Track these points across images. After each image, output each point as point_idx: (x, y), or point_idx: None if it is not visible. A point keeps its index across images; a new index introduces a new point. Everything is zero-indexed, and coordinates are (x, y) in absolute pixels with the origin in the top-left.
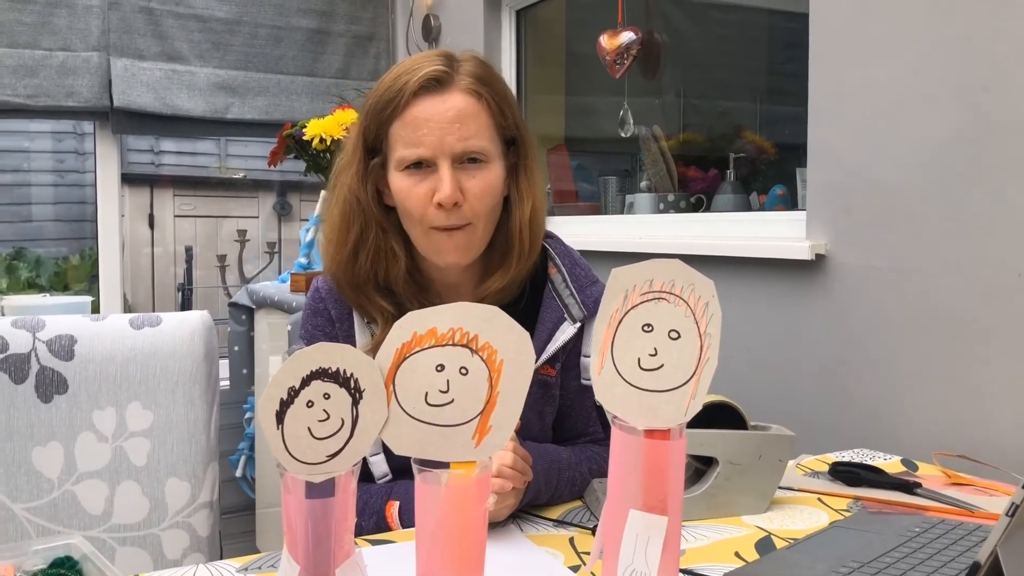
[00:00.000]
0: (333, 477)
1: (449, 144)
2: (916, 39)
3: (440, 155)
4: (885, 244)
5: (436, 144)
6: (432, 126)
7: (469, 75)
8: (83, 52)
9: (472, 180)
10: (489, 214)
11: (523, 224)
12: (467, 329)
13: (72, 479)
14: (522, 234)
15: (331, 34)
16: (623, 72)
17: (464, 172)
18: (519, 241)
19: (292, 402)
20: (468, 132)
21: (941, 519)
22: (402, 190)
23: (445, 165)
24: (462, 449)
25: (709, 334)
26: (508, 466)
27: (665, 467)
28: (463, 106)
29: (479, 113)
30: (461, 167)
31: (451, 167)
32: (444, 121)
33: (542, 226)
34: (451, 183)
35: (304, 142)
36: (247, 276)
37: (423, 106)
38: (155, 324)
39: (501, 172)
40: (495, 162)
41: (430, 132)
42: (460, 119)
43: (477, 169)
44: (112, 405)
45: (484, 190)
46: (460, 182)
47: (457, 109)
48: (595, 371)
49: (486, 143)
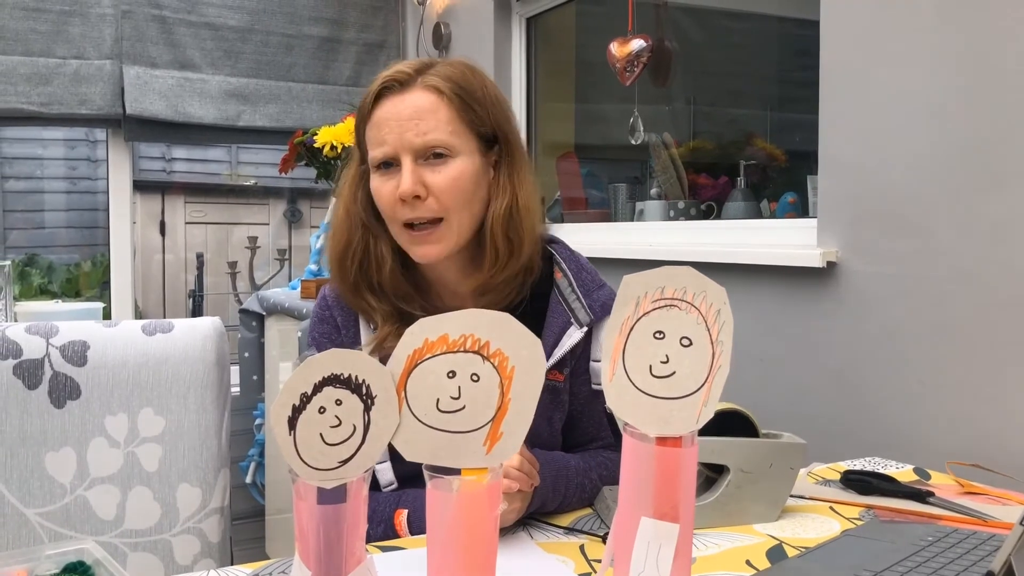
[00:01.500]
0: (345, 483)
1: (408, 140)
2: (927, 47)
3: (401, 151)
4: (896, 251)
5: (396, 141)
6: (392, 124)
7: (435, 75)
8: (96, 60)
9: (436, 175)
10: (462, 208)
11: (496, 220)
12: (478, 336)
13: (84, 484)
14: (495, 231)
15: (342, 42)
16: (633, 79)
17: (428, 167)
18: (492, 238)
19: (304, 408)
20: (426, 127)
21: (954, 528)
22: (375, 189)
23: (406, 160)
24: (473, 455)
25: (721, 341)
26: (515, 468)
27: (677, 475)
28: (421, 103)
29: (439, 108)
30: (426, 163)
31: (413, 163)
32: (403, 119)
33: (528, 223)
34: (410, 177)
35: (315, 149)
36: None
37: (384, 107)
38: (167, 330)
39: (471, 167)
40: (463, 156)
41: (391, 131)
42: (418, 115)
43: (441, 164)
44: (124, 411)
45: (448, 183)
46: (422, 177)
47: (415, 106)
48: (606, 378)
49: (447, 137)
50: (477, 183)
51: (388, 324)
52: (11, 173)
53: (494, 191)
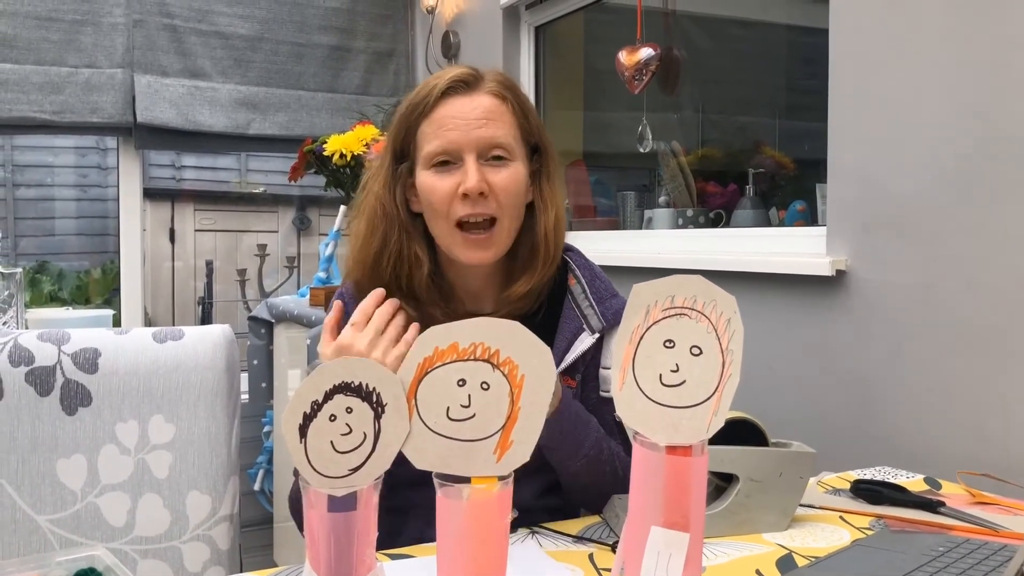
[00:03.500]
0: (355, 491)
1: (475, 138)
2: (936, 53)
3: (466, 148)
4: (906, 260)
5: (463, 138)
6: (458, 122)
7: (495, 80)
8: (108, 69)
9: (497, 175)
10: (513, 212)
11: (548, 229)
12: (488, 344)
13: (95, 491)
14: (547, 239)
15: (351, 51)
16: (642, 88)
17: (489, 167)
18: (545, 246)
19: (315, 416)
20: (493, 128)
21: (965, 538)
22: (428, 185)
23: (471, 158)
24: (483, 464)
25: (731, 350)
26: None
27: (687, 484)
28: (489, 105)
29: (504, 113)
30: (486, 163)
31: (476, 160)
32: (471, 118)
33: (563, 235)
34: (477, 172)
35: (324, 157)
36: (266, 290)
37: (451, 104)
38: (178, 338)
39: (525, 173)
40: (519, 162)
41: (456, 127)
42: (486, 116)
43: (501, 165)
44: (135, 418)
45: (509, 185)
46: (485, 175)
47: (484, 107)
48: (616, 387)
49: (510, 141)
50: (525, 190)
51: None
52: (22, 181)
53: (539, 202)
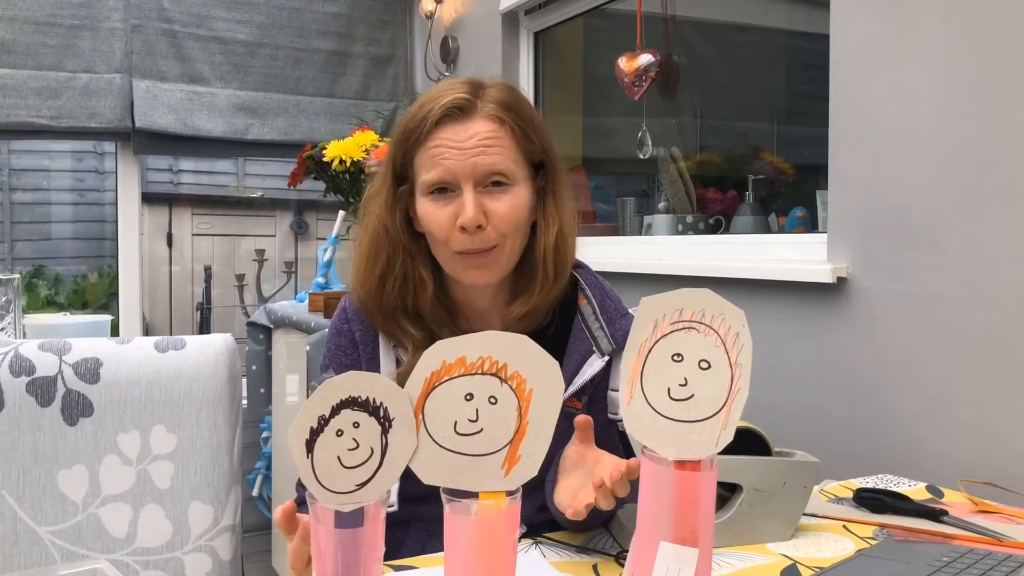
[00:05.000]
0: (362, 507)
1: (471, 167)
2: (938, 60)
3: (463, 178)
4: (908, 267)
5: (458, 168)
6: (454, 152)
7: (493, 101)
8: (106, 74)
9: (496, 203)
10: (515, 235)
11: (548, 248)
12: (496, 358)
13: (96, 502)
14: (546, 259)
15: (350, 56)
16: (642, 94)
17: (488, 195)
18: (543, 266)
19: (322, 431)
20: (490, 156)
21: (969, 548)
22: (427, 214)
23: (468, 188)
24: (491, 479)
25: (740, 364)
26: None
27: (696, 498)
28: (485, 132)
29: (502, 138)
30: (485, 190)
31: (474, 190)
32: (465, 147)
33: (570, 251)
34: (474, 206)
35: (324, 163)
36: (265, 295)
37: (445, 133)
38: (180, 347)
39: (527, 195)
40: (520, 185)
41: (451, 156)
42: (482, 144)
43: (501, 192)
44: (137, 428)
45: (509, 212)
46: (484, 205)
47: (480, 135)
48: (624, 401)
49: (510, 165)
50: (529, 212)
51: (420, 352)
52: (18, 185)
53: (542, 219)
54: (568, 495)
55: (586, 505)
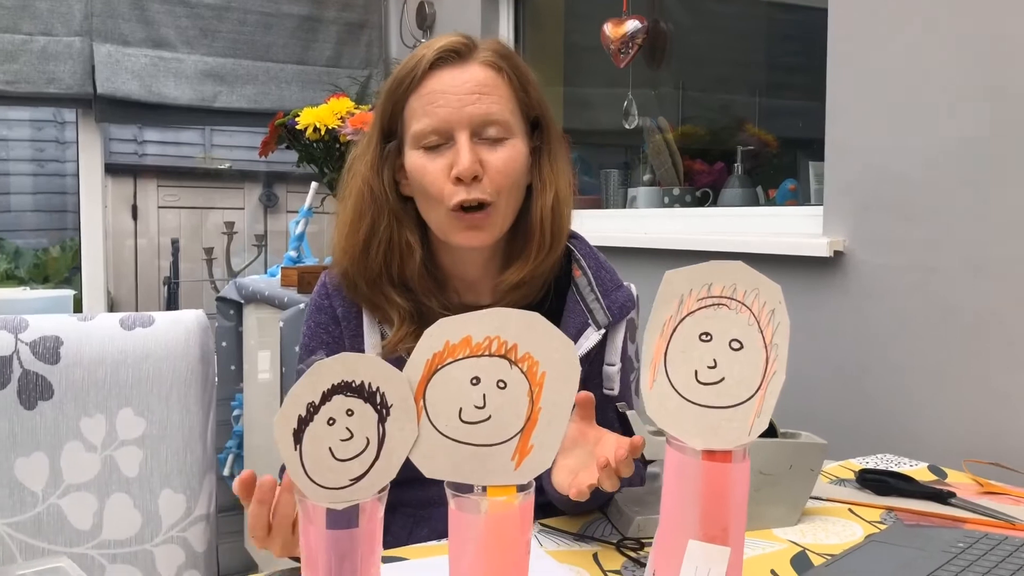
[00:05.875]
0: (357, 504)
1: (468, 115)
2: (939, 29)
3: (458, 126)
4: (907, 241)
5: (454, 115)
6: (449, 97)
7: (489, 49)
8: (65, 37)
9: (492, 155)
10: (511, 193)
11: (544, 212)
12: (505, 338)
13: (58, 492)
14: (543, 223)
15: (322, 21)
16: (628, 61)
17: (484, 147)
18: (539, 231)
19: (311, 419)
20: (488, 103)
21: (984, 533)
22: (418, 168)
23: (463, 137)
24: (501, 472)
25: (775, 344)
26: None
27: (726, 493)
28: (482, 77)
29: (499, 86)
30: (481, 141)
31: (470, 139)
32: (462, 92)
33: (567, 217)
34: (470, 154)
35: (297, 132)
36: (234, 269)
37: (440, 77)
38: (147, 324)
39: (524, 150)
40: (517, 139)
41: (447, 103)
42: (479, 90)
43: (498, 143)
44: (101, 412)
45: (506, 164)
46: (479, 155)
47: (476, 80)
48: (646, 385)
49: (507, 116)
50: (525, 170)
51: (406, 324)
52: None
53: (538, 181)
54: (567, 475)
55: (589, 485)
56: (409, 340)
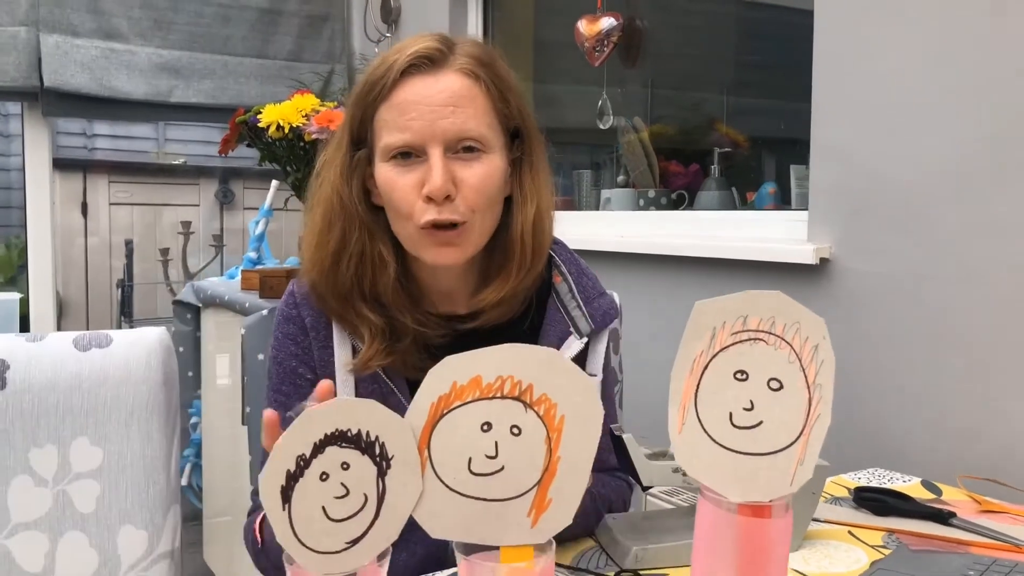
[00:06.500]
0: (354, 573)
1: (441, 129)
2: (929, 30)
3: (430, 141)
4: (895, 248)
5: (426, 129)
6: (422, 109)
7: (467, 55)
8: (9, 27)
9: (467, 170)
10: (487, 210)
11: (525, 228)
12: (519, 377)
13: (4, 532)
14: (524, 239)
15: (283, 14)
16: (603, 59)
17: (458, 162)
18: (520, 248)
19: (302, 475)
20: (463, 116)
21: (993, 559)
22: (387, 182)
23: (436, 153)
24: (516, 530)
25: (819, 384)
26: None
27: (766, 551)
28: (458, 88)
29: (476, 96)
30: (455, 156)
31: (443, 155)
32: (436, 104)
33: (549, 231)
34: (442, 172)
35: (259, 129)
36: (191, 271)
37: (412, 87)
38: (104, 344)
39: (501, 165)
40: (494, 153)
41: (419, 116)
42: (454, 102)
43: (473, 159)
44: (53, 442)
45: (481, 181)
46: (453, 172)
47: (451, 91)
48: (674, 428)
49: (484, 130)
50: (502, 184)
51: (377, 340)
52: None
53: (518, 195)
54: None
55: None
56: (380, 357)
